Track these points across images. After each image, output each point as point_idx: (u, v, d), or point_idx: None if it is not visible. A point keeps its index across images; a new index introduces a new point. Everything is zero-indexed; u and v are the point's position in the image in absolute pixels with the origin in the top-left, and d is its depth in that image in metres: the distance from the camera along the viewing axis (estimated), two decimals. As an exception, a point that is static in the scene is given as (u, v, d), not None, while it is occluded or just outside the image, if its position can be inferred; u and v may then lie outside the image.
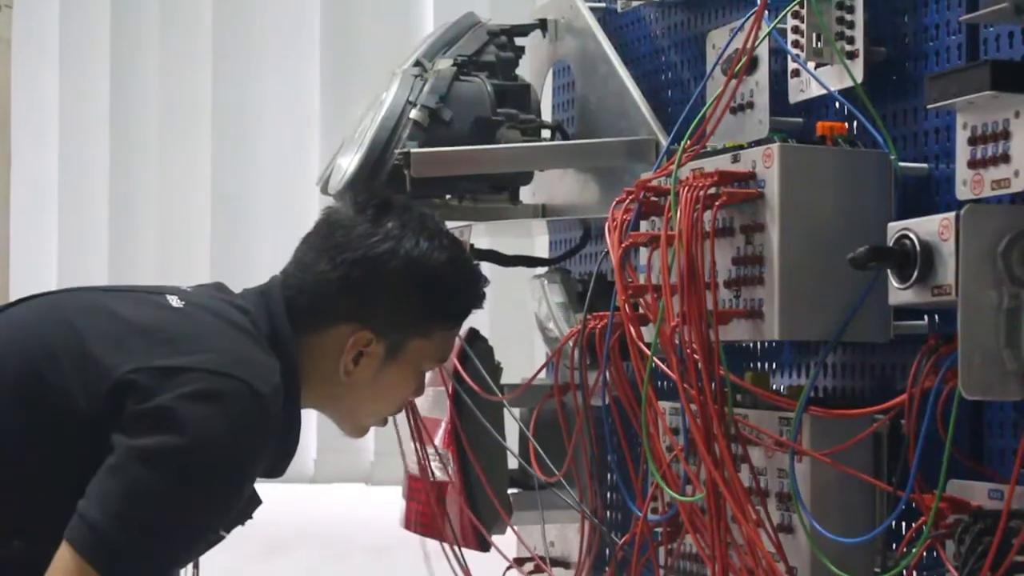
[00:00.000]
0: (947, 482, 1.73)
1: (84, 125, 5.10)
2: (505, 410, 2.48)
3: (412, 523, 2.63)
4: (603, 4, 2.68)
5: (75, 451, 1.89)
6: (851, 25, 1.99)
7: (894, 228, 1.77)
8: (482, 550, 2.51)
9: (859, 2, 1.98)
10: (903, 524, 1.91)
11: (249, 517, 2.06)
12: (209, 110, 4.77)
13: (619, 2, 2.57)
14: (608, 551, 2.47)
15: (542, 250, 2.97)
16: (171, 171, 4.90)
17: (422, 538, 2.61)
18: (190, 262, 4.75)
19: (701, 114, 2.02)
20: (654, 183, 2.03)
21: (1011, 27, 1.80)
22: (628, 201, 2.05)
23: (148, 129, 4.95)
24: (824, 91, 2.03)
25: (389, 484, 3.87)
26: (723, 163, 1.95)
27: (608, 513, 2.59)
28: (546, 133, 2.58)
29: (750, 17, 1.97)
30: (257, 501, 2.04)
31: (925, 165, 1.95)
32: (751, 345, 2.27)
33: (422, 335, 2.12)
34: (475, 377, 2.45)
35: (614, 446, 2.22)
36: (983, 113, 1.68)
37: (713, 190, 1.90)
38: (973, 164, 1.69)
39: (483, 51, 2.53)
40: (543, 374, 2.47)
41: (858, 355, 2.06)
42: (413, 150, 2.35)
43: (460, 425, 2.48)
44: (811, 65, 2.03)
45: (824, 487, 1.92)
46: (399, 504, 2.68)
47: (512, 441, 2.53)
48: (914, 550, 1.75)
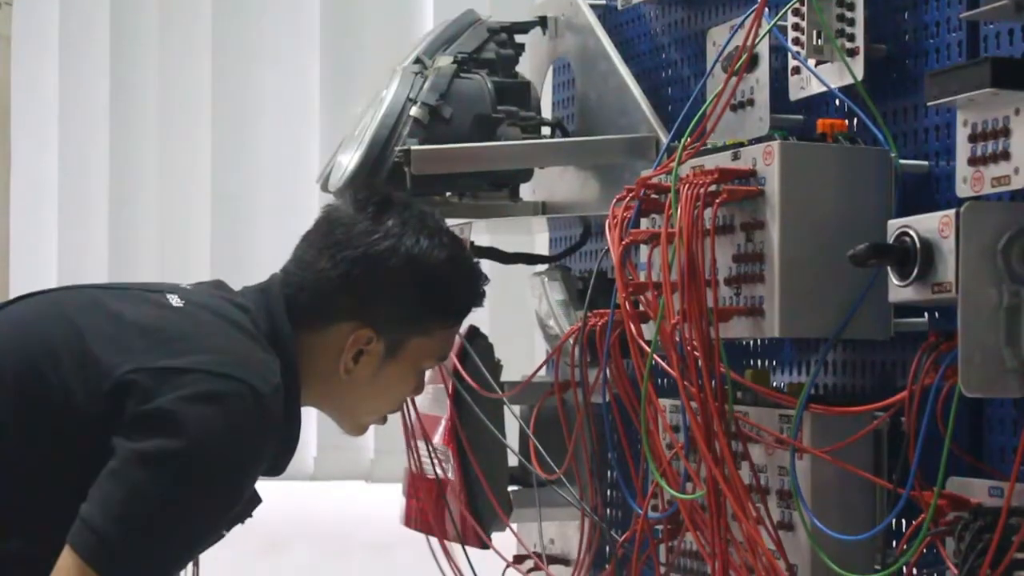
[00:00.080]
0: (947, 479, 1.73)
1: (84, 122, 5.10)
2: (505, 408, 2.48)
3: (412, 520, 2.63)
4: (603, 1, 2.67)
5: (74, 449, 1.89)
6: (851, 22, 1.99)
7: (894, 225, 1.77)
8: (482, 548, 2.51)
9: (859, -1, 1.98)
10: (903, 521, 1.91)
11: (249, 515, 2.06)
12: (209, 107, 4.76)
13: (619, -1, 2.58)
14: (608, 549, 2.47)
15: (542, 247, 2.97)
16: (171, 168, 4.90)
17: (423, 535, 2.62)
18: (190, 259, 4.75)
19: (701, 111, 2.02)
20: (654, 180, 2.03)
21: (1011, 24, 1.80)
22: (628, 198, 2.05)
23: (148, 126, 4.94)
24: (824, 88, 2.03)
25: (389, 481, 3.88)
26: (723, 160, 1.95)
27: (608, 511, 2.59)
28: (546, 130, 2.57)
29: (750, 14, 1.97)
30: (257, 500, 2.04)
31: (925, 162, 1.95)
32: (751, 342, 2.27)
33: (422, 333, 2.12)
34: (475, 374, 2.45)
35: (614, 443, 2.22)
36: (983, 110, 1.68)
37: (713, 187, 1.90)
38: (973, 161, 1.69)
39: (483, 48, 2.53)
40: (543, 371, 2.46)
41: (858, 352, 2.06)
42: (413, 147, 2.35)
43: (460, 422, 2.48)
44: (811, 62, 2.03)
45: (824, 484, 1.92)
46: (399, 501, 2.68)
47: (512, 439, 2.53)
48: (914, 547, 1.75)
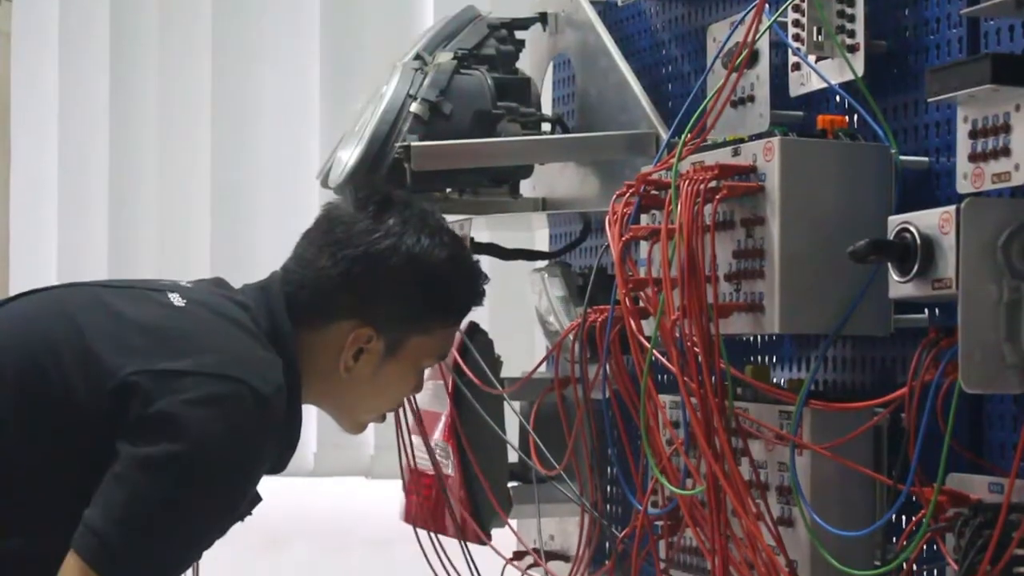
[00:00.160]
0: (947, 475, 1.73)
1: (84, 119, 5.10)
2: (505, 404, 2.48)
3: (412, 516, 2.63)
4: (603, -3, 2.68)
5: (75, 448, 1.89)
6: (852, 18, 1.99)
7: (894, 221, 1.77)
8: (481, 544, 2.51)
9: (860, -4, 1.98)
10: (903, 517, 1.92)
11: (249, 514, 2.05)
12: (209, 104, 4.77)
13: (619, -4, 2.58)
14: (608, 544, 2.47)
15: (542, 243, 2.97)
16: (171, 165, 4.90)
17: (423, 531, 2.62)
18: (189, 257, 4.76)
19: (702, 108, 2.02)
20: (654, 176, 2.03)
21: (1012, 20, 1.80)
22: (628, 194, 2.05)
23: (148, 123, 4.95)
24: (825, 84, 2.03)
25: (389, 478, 3.87)
26: (724, 156, 1.95)
27: (608, 506, 2.59)
28: (546, 127, 2.57)
29: (751, 11, 1.97)
30: (257, 499, 2.04)
31: (926, 158, 1.95)
32: (751, 338, 2.27)
33: (422, 332, 2.11)
34: (475, 371, 2.45)
35: (614, 439, 2.22)
36: (984, 106, 1.68)
37: (714, 183, 1.90)
38: (974, 157, 1.69)
39: (483, 44, 2.53)
40: (543, 367, 2.46)
41: (858, 348, 2.06)
42: (413, 143, 2.35)
43: (460, 419, 2.48)
44: (812, 59, 2.03)
45: (824, 480, 1.92)
46: (399, 497, 2.68)
47: (512, 435, 2.53)
48: (914, 543, 1.75)
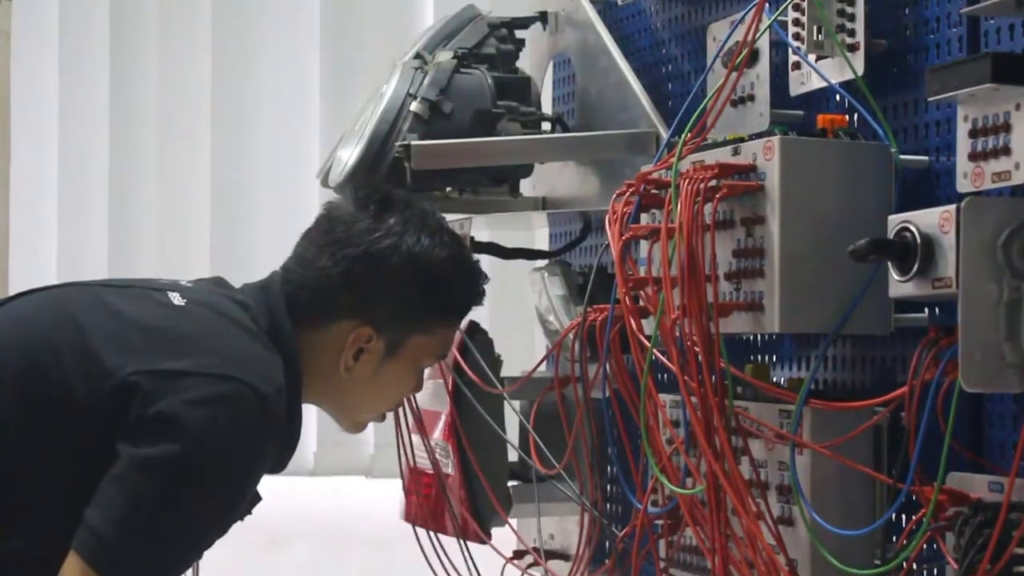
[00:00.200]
0: (947, 474, 1.73)
1: (84, 118, 5.10)
2: (505, 403, 2.48)
3: (412, 516, 2.63)
4: (603, -3, 2.68)
5: (75, 448, 1.89)
6: (852, 18, 1.99)
7: (895, 220, 1.77)
8: (481, 543, 2.51)
9: (860, -6, 1.98)
10: (903, 516, 1.92)
11: (249, 513, 2.05)
12: (209, 103, 4.76)
13: (619, -6, 2.58)
14: (608, 543, 2.47)
15: (542, 243, 2.96)
16: (171, 164, 4.89)
17: (423, 531, 2.62)
18: (190, 256, 4.75)
19: (702, 107, 2.02)
20: (655, 176, 2.03)
21: (1012, 19, 1.80)
22: (628, 194, 2.05)
23: (148, 122, 4.94)
24: (825, 84, 2.03)
25: (389, 477, 3.87)
26: (724, 156, 1.95)
27: (608, 505, 2.59)
28: (546, 126, 2.57)
29: (751, 10, 1.97)
30: (257, 498, 2.04)
31: (926, 158, 1.95)
32: (751, 338, 2.27)
33: (422, 331, 2.11)
34: (475, 370, 2.45)
35: (614, 439, 2.22)
36: (984, 106, 1.68)
37: (714, 183, 1.90)
38: (974, 156, 1.69)
39: (483, 44, 2.53)
40: (543, 367, 2.46)
41: (858, 348, 2.06)
42: (413, 142, 2.35)
43: (460, 418, 2.48)
44: (812, 58, 2.03)
45: (824, 479, 1.92)
46: (399, 497, 2.68)
47: (512, 434, 2.53)
48: (914, 542, 1.75)
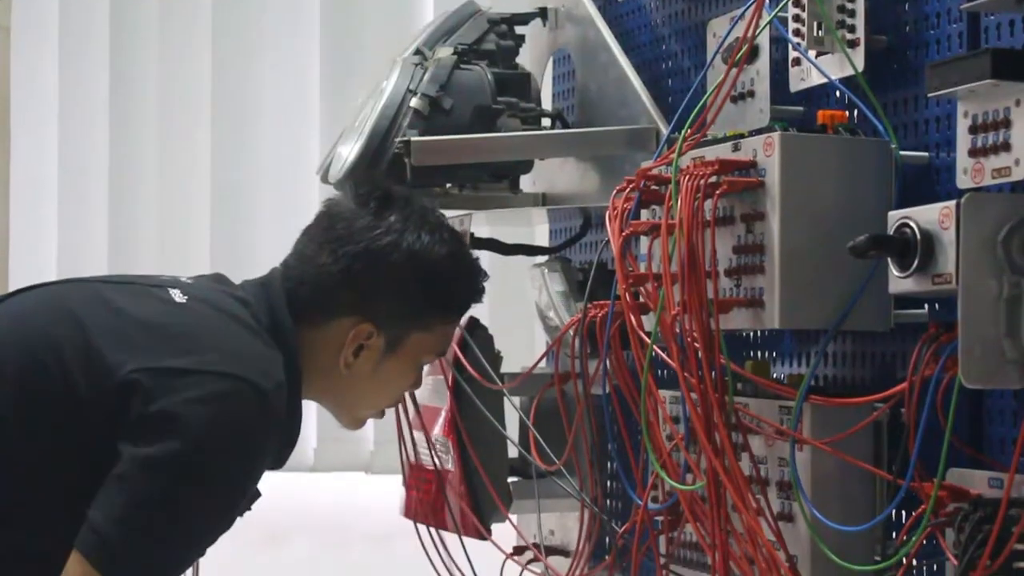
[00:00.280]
0: (947, 470, 1.73)
1: (84, 114, 5.09)
2: (505, 399, 2.48)
3: (412, 511, 2.63)
4: (603, -7, 2.68)
5: (74, 444, 1.89)
6: (852, 13, 1.99)
7: (894, 217, 1.77)
8: (481, 539, 2.51)
9: (860, -10, 1.98)
10: (903, 512, 1.92)
11: (248, 509, 2.06)
12: (209, 99, 4.76)
13: (619, -10, 2.58)
14: (608, 539, 2.47)
15: (542, 239, 2.96)
16: (171, 160, 4.89)
17: (422, 526, 2.62)
18: (189, 254, 4.75)
19: (702, 103, 2.02)
20: (655, 172, 2.03)
21: (1012, 15, 1.80)
22: (629, 190, 2.05)
23: (148, 118, 4.94)
24: (825, 80, 2.03)
25: (389, 472, 3.87)
26: (724, 152, 1.94)
27: (608, 502, 2.59)
28: (546, 122, 2.57)
29: (751, 5, 1.97)
30: (256, 495, 2.04)
31: (926, 153, 1.95)
32: (751, 334, 2.27)
33: (422, 328, 2.12)
34: (475, 366, 2.45)
35: (614, 435, 2.22)
36: (984, 101, 1.67)
37: (714, 179, 1.90)
38: (974, 152, 1.69)
39: (483, 39, 2.53)
40: (543, 363, 2.47)
41: (858, 344, 2.06)
42: (413, 138, 2.35)
43: (460, 414, 2.48)
44: (812, 54, 2.03)
45: (824, 475, 1.92)
46: (399, 492, 2.68)
47: (512, 430, 2.53)
48: (914, 538, 1.75)
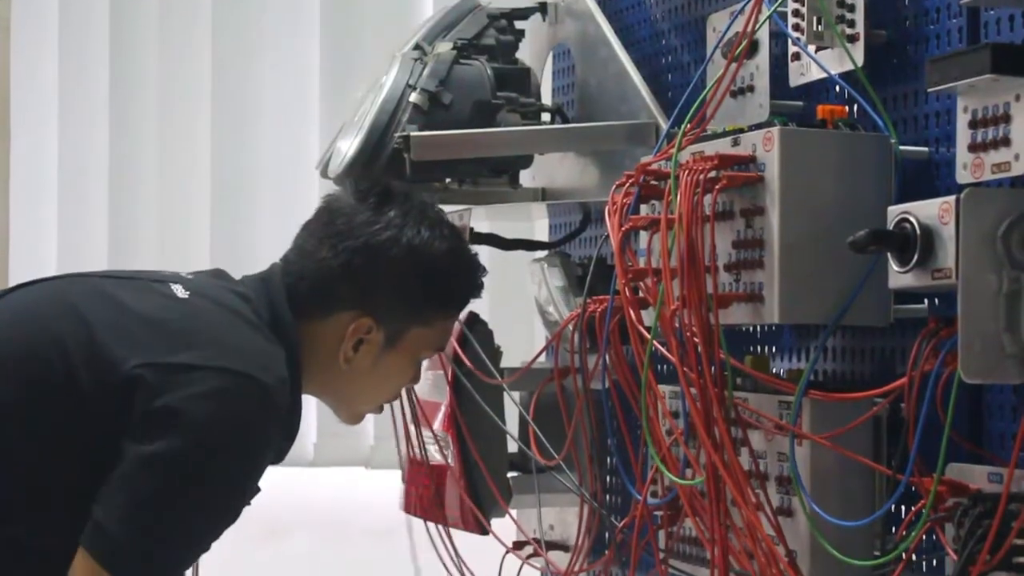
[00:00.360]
0: (946, 465, 1.73)
1: (84, 111, 5.09)
2: (505, 394, 2.49)
3: (412, 506, 2.63)
4: (603, -12, 2.67)
5: (76, 439, 1.89)
6: (852, 8, 1.98)
7: (894, 212, 1.77)
8: (481, 534, 2.51)
9: (860, -15, 1.98)
10: (902, 507, 1.92)
11: (247, 504, 2.06)
12: (209, 95, 4.75)
13: (619, -15, 2.58)
14: (608, 534, 2.47)
15: (542, 234, 2.96)
16: (171, 156, 4.89)
17: (423, 521, 2.62)
18: (190, 248, 4.75)
19: (701, 97, 2.02)
20: (654, 167, 2.03)
21: (1012, 10, 1.80)
22: (628, 185, 2.05)
23: (148, 115, 4.93)
24: (824, 74, 2.02)
25: (388, 468, 3.87)
26: (723, 147, 1.94)
27: (608, 496, 2.59)
28: (546, 117, 2.57)
29: (750, 0, 1.97)
30: (256, 490, 2.05)
31: (925, 148, 1.95)
32: (751, 329, 2.27)
33: (422, 323, 2.12)
34: (475, 361, 2.45)
35: (614, 430, 2.22)
36: (984, 96, 1.67)
37: (713, 174, 1.90)
38: (973, 147, 1.69)
39: (483, 34, 2.53)
40: (543, 358, 2.46)
41: (858, 339, 2.06)
42: (413, 133, 2.35)
43: (459, 409, 2.48)
44: (812, 48, 2.03)
45: (824, 470, 1.92)
46: (399, 487, 2.69)
47: (512, 425, 2.53)
48: (913, 533, 1.75)
